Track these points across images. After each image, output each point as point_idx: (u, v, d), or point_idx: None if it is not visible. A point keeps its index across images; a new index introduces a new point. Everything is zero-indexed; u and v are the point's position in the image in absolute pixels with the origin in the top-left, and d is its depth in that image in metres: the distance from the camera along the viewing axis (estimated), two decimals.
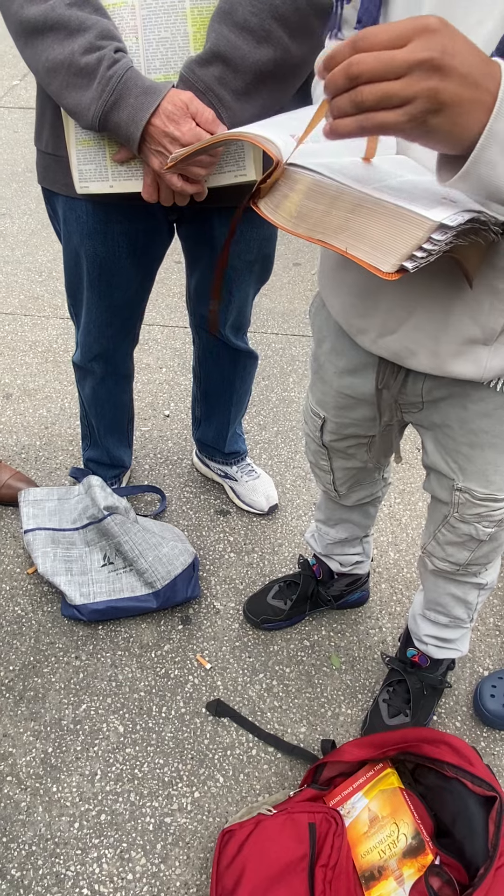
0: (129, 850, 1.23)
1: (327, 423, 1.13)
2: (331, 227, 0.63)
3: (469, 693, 1.48)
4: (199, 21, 0.97)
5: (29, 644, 1.51)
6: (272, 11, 0.93)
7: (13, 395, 2.13)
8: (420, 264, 0.61)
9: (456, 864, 1.07)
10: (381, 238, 0.61)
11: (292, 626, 1.57)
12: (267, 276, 1.43)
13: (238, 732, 1.39)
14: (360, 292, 0.89)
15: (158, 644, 1.53)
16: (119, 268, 1.28)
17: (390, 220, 0.60)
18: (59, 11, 0.94)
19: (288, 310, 2.56)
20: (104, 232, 1.21)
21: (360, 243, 0.62)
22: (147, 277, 1.35)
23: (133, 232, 1.23)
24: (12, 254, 2.76)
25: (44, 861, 1.21)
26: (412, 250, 0.59)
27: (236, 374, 1.62)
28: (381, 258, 0.61)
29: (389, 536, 1.79)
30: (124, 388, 1.61)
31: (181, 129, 0.95)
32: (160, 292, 2.60)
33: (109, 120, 0.97)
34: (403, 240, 0.60)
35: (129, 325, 1.43)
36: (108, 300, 1.34)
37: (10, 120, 3.75)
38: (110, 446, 1.72)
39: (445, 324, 0.83)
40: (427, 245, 0.59)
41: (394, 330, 0.87)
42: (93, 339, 1.43)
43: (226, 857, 1.13)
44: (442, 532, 1.09)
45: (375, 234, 0.61)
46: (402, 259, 0.60)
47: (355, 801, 1.20)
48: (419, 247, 0.59)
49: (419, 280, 0.82)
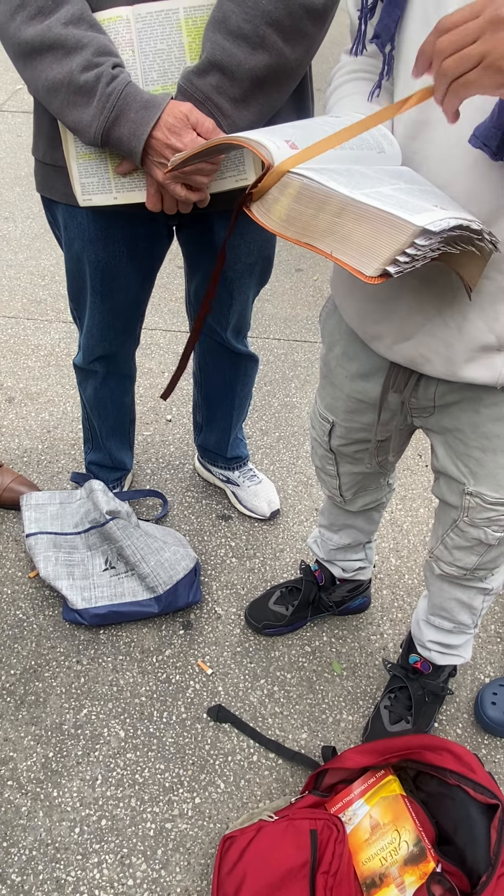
0: (130, 856, 1.23)
1: (336, 427, 1.13)
2: (318, 230, 0.65)
3: (470, 700, 1.47)
4: (195, 31, 0.97)
5: (30, 648, 1.51)
6: (265, 17, 0.94)
7: (15, 398, 2.13)
8: (404, 269, 0.61)
9: (457, 872, 1.07)
10: (366, 242, 0.62)
11: (294, 631, 1.57)
12: (267, 277, 1.43)
13: (239, 738, 1.39)
14: (375, 298, 0.89)
15: (160, 649, 1.52)
16: (120, 272, 1.28)
17: (375, 225, 0.61)
18: (56, 31, 0.95)
19: (290, 315, 2.56)
20: (105, 238, 1.22)
21: (344, 247, 0.63)
22: (147, 279, 1.36)
23: (133, 237, 1.24)
24: (15, 257, 2.77)
25: (44, 866, 1.21)
26: (395, 254, 0.60)
27: (237, 378, 1.62)
28: (364, 262, 0.62)
29: (391, 542, 1.79)
30: (126, 389, 1.61)
31: (183, 141, 0.95)
32: (163, 297, 2.61)
33: (111, 136, 0.98)
34: (387, 244, 0.61)
35: (130, 325, 1.44)
36: (109, 303, 1.34)
37: (13, 124, 3.77)
38: (112, 448, 1.72)
39: (460, 330, 0.83)
40: (410, 250, 0.60)
41: (409, 336, 0.88)
42: (95, 341, 1.44)
43: (227, 864, 1.13)
44: (450, 536, 1.09)
45: (360, 238, 0.62)
46: (385, 263, 0.61)
47: (357, 807, 1.19)
48: (402, 251, 0.60)
49: (435, 287, 0.82)
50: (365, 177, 0.67)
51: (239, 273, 1.34)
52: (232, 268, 1.32)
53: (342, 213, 0.63)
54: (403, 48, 0.77)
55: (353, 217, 0.62)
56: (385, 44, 0.79)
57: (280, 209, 0.66)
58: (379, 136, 0.76)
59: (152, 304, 2.57)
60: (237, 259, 1.31)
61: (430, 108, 0.75)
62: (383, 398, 1.01)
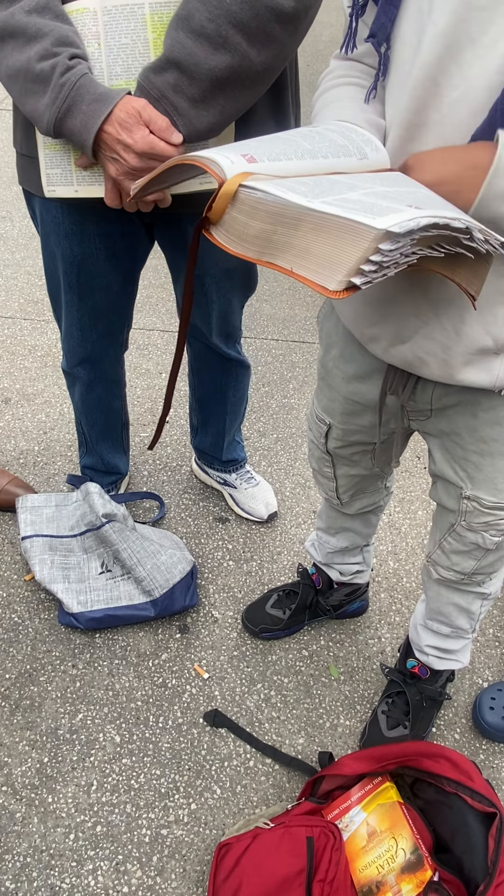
0: (125, 863, 1.22)
1: (333, 429, 1.12)
2: (277, 246, 0.60)
3: (468, 705, 1.47)
4: (160, 27, 0.96)
5: (25, 652, 1.50)
6: (229, 17, 0.91)
7: (12, 399, 2.12)
8: (372, 280, 0.56)
9: (455, 881, 1.06)
10: (326, 253, 0.56)
11: (291, 635, 1.56)
12: (252, 284, 1.41)
13: (236, 743, 1.38)
14: (373, 301, 0.88)
15: (156, 653, 1.51)
16: (98, 270, 1.28)
17: (334, 234, 0.56)
18: (18, 18, 0.94)
19: (288, 316, 2.55)
20: (80, 233, 1.22)
21: (305, 261, 0.58)
22: (128, 281, 1.35)
23: (109, 233, 1.23)
24: (12, 257, 2.75)
25: (38, 873, 1.20)
26: (358, 263, 0.55)
27: (228, 384, 1.61)
28: (326, 276, 0.57)
29: (389, 545, 1.78)
30: (114, 394, 1.60)
31: (133, 137, 0.94)
32: (160, 297, 2.60)
33: (64, 126, 0.97)
34: (348, 253, 0.55)
35: (113, 330, 1.43)
36: (89, 302, 1.34)
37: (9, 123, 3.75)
38: (103, 452, 1.71)
39: (458, 333, 0.82)
40: (376, 257, 0.55)
41: (406, 339, 0.87)
42: (75, 342, 1.42)
43: (223, 871, 1.12)
44: (448, 541, 1.08)
45: (320, 250, 0.57)
46: (348, 274, 0.55)
47: (353, 814, 1.18)
48: (366, 259, 0.55)
49: (432, 290, 0.81)
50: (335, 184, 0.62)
51: (217, 278, 1.32)
52: (208, 272, 1.31)
53: (299, 225, 0.58)
54: (397, 46, 0.76)
55: (312, 228, 0.57)
56: (381, 43, 0.77)
57: (237, 227, 0.61)
58: (361, 142, 0.72)
59: (149, 304, 2.56)
60: (213, 264, 1.29)
61: (424, 110, 0.73)
62: (382, 401, 1.00)
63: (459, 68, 0.69)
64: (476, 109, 0.69)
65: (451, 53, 0.69)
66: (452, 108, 0.71)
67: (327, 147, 0.69)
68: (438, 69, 0.70)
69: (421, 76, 0.72)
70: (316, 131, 0.72)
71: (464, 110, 0.70)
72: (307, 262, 0.58)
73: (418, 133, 0.75)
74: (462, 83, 0.69)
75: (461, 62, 0.69)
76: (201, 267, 1.29)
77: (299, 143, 0.68)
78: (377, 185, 0.64)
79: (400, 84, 0.76)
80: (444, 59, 0.70)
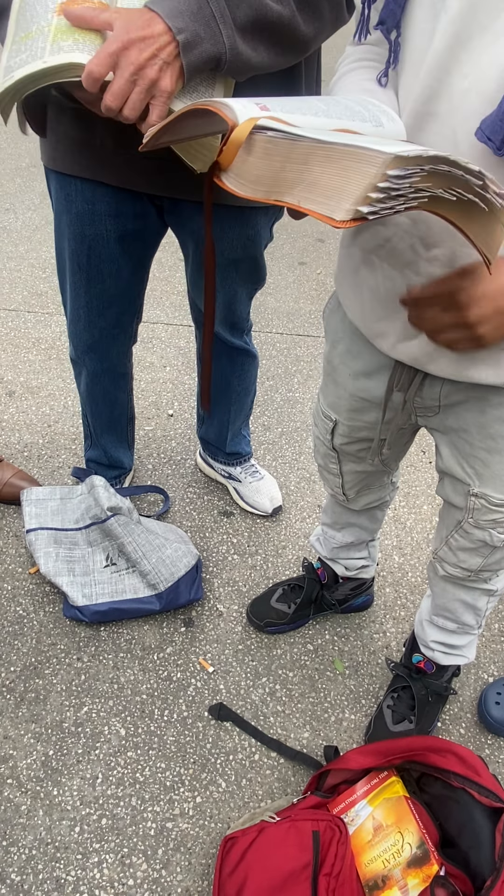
0: (130, 856, 1.22)
1: (339, 426, 1.12)
2: (286, 183, 0.59)
3: (474, 700, 1.46)
4: None
5: (30, 645, 1.50)
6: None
7: (16, 392, 2.12)
8: (379, 210, 0.55)
9: (461, 875, 1.06)
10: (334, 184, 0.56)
11: (296, 629, 1.56)
12: (257, 277, 1.41)
13: (240, 737, 1.38)
14: (381, 296, 0.88)
15: (161, 646, 1.51)
16: (108, 254, 1.28)
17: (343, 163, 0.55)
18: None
19: (293, 309, 2.54)
20: (91, 213, 1.22)
21: (312, 194, 0.57)
22: (139, 267, 1.34)
23: (120, 214, 1.23)
24: (16, 249, 2.74)
25: (44, 865, 1.20)
26: (367, 191, 0.54)
27: (233, 373, 1.61)
28: (333, 206, 0.56)
29: (394, 540, 1.78)
30: (121, 387, 1.59)
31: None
32: (164, 290, 2.59)
33: None
34: (356, 180, 0.54)
35: (123, 320, 1.42)
36: (98, 287, 1.33)
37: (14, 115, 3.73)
38: (107, 446, 1.71)
39: None
40: (384, 184, 0.53)
41: (415, 335, 0.86)
42: (82, 327, 1.42)
43: (228, 865, 1.12)
44: (455, 537, 1.08)
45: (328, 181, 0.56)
46: (355, 202, 0.54)
47: (359, 808, 1.18)
48: (374, 186, 0.53)
49: None
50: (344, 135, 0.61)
51: (221, 267, 1.32)
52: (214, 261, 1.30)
53: (309, 159, 0.57)
54: (409, 34, 0.75)
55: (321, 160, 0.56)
56: (391, 30, 0.76)
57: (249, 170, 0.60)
58: (377, 112, 0.71)
59: (153, 297, 2.55)
60: (218, 253, 1.29)
61: (434, 99, 0.72)
62: (387, 397, 0.99)
63: (470, 56, 0.68)
64: (487, 98, 0.68)
65: (461, 41, 0.68)
66: (463, 97, 0.70)
67: (342, 110, 0.68)
68: (449, 57, 0.69)
69: (432, 64, 0.71)
70: (332, 98, 0.71)
71: (474, 100, 0.69)
72: (314, 195, 0.57)
73: (426, 123, 0.74)
74: (472, 72, 0.68)
75: (472, 50, 0.68)
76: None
77: (313, 103, 0.67)
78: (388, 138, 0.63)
79: (412, 72, 0.75)
80: (454, 47, 0.69)
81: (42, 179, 3.18)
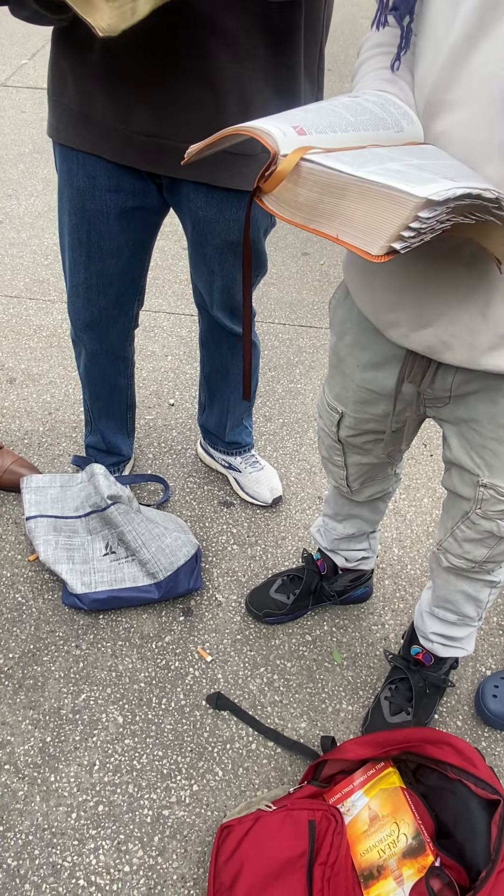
0: (127, 842, 1.22)
1: (345, 417, 1.11)
2: (324, 214, 0.64)
3: (471, 692, 1.47)
4: None
5: (29, 632, 1.50)
6: None
7: (17, 379, 2.11)
8: (411, 244, 0.60)
9: (456, 866, 1.06)
10: (369, 220, 0.61)
11: (294, 620, 1.56)
12: (260, 264, 1.41)
13: (238, 726, 1.38)
14: (393, 286, 0.87)
15: (159, 635, 1.51)
16: (108, 230, 1.28)
17: (376, 202, 0.60)
18: None
19: (296, 300, 2.53)
20: (91, 188, 1.23)
21: (349, 228, 0.62)
22: (139, 248, 1.35)
23: (120, 189, 1.24)
24: (18, 236, 2.73)
25: (40, 851, 1.21)
26: (399, 230, 0.59)
27: (234, 360, 1.60)
28: (369, 241, 0.61)
29: (394, 532, 1.78)
30: (120, 370, 1.59)
31: None
32: (166, 279, 2.57)
33: None
34: (390, 220, 0.59)
35: (123, 301, 1.42)
36: (98, 264, 1.34)
37: (17, 100, 3.71)
38: (105, 431, 1.70)
39: (485, 316, 0.81)
40: (415, 224, 0.59)
41: (429, 324, 0.85)
42: (81, 304, 1.42)
43: (224, 853, 1.12)
44: (461, 528, 1.07)
45: (363, 217, 0.61)
46: (389, 240, 0.59)
47: (355, 799, 1.19)
48: (406, 226, 0.59)
49: (455, 273, 0.80)
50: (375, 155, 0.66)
51: (219, 249, 1.31)
52: (210, 243, 1.30)
53: (345, 194, 0.62)
54: (427, 22, 0.74)
55: (356, 196, 0.61)
56: (403, 16, 0.75)
57: (288, 195, 0.65)
58: (398, 115, 0.74)
59: (156, 286, 2.54)
60: (216, 234, 1.28)
61: (452, 87, 0.72)
62: (398, 389, 0.98)
63: (491, 45, 0.68)
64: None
65: (483, 29, 0.68)
66: (482, 84, 0.69)
67: (368, 119, 0.72)
68: (470, 45, 0.69)
69: (452, 51, 0.70)
70: (357, 102, 0.74)
71: (495, 87, 0.69)
72: (351, 230, 0.62)
73: (444, 111, 0.73)
74: (493, 61, 0.68)
75: (493, 38, 0.67)
76: (203, 236, 1.29)
77: (343, 116, 0.70)
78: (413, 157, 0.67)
79: (430, 59, 0.74)
80: (475, 34, 0.68)
81: (44, 166, 3.16)
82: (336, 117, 0.70)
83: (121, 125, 1.14)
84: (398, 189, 0.58)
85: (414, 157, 0.68)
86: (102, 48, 1.08)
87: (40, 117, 3.55)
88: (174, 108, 1.11)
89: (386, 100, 0.75)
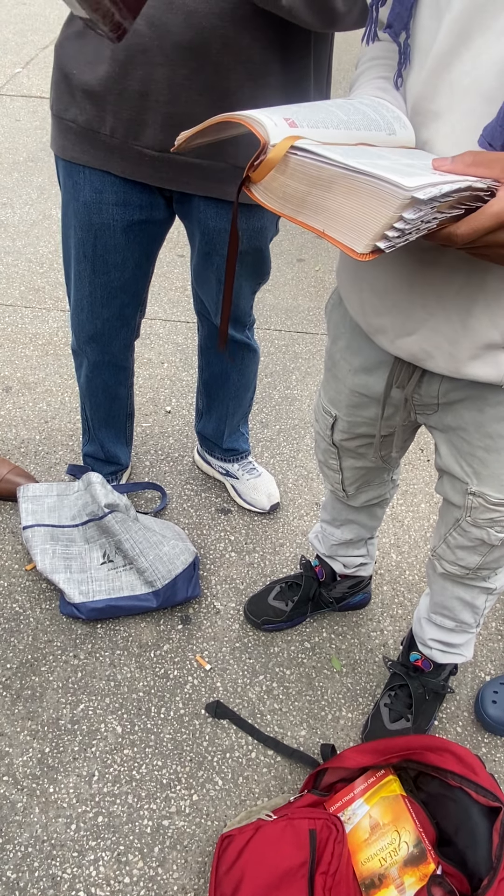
0: (127, 853, 1.22)
1: (339, 421, 1.11)
2: (311, 206, 0.63)
3: (471, 698, 1.46)
4: None
5: (27, 642, 1.49)
6: None
7: (13, 388, 2.11)
8: (395, 244, 0.59)
9: (458, 874, 1.06)
10: (355, 217, 0.60)
11: (293, 627, 1.56)
12: (261, 270, 1.41)
13: (237, 735, 1.38)
14: (379, 291, 0.87)
15: (158, 644, 1.51)
16: (114, 244, 1.28)
17: (363, 198, 0.59)
18: None
19: (291, 306, 2.54)
20: (99, 203, 1.22)
21: (335, 223, 0.61)
22: (144, 260, 1.34)
23: (127, 203, 1.23)
24: (13, 244, 2.73)
25: (40, 863, 1.20)
26: (384, 229, 0.58)
27: (233, 367, 1.60)
28: (354, 238, 0.60)
29: (392, 538, 1.77)
30: (121, 381, 1.59)
31: None
32: (162, 286, 2.58)
33: None
34: (375, 218, 0.58)
35: (126, 313, 1.42)
36: (103, 277, 1.33)
37: (11, 108, 3.71)
38: (105, 440, 1.70)
39: (465, 327, 0.81)
40: (399, 224, 0.58)
41: (412, 331, 0.86)
42: (85, 316, 1.42)
43: (225, 863, 1.11)
44: (453, 535, 1.07)
45: (350, 213, 0.60)
46: (374, 238, 0.58)
47: (356, 807, 1.18)
48: (390, 226, 0.58)
49: (438, 282, 0.80)
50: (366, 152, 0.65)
51: (225, 258, 1.31)
52: (219, 252, 1.31)
53: (332, 187, 0.61)
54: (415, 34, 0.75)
55: (343, 190, 0.60)
56: (398, 33, 0.76)
57: (277, 186, 0.64)
58: (391, 118, 0.73)
59: (152, 293, 2.54)
60: (225, 244, 1.29)
61: (436, 97, 0.72)
62: (386, 393, 0.99)
63: (471, 55, 0.69)
64: (487, 97, 0.69)
65: (463, 40, 0.69)
66: (464, 95, 0.70)
67: (360, 119, 0.71)
68: (452, 55, 0.70)
69: (435, 62, 0.71)
70: (351, 104, 0.73)
71: (475, 99, 0.69)
72: (338, 225, 0.61)
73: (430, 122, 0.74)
74: (473, 71, 0.69)
75: (473, 48, 0.68)
76: (212, 245, 1.29)
77: (335, 113, 0.70)
78: (403, 157, 0.66)
79: (416, 69, 0.75)
80: (457, 45, 0.69)
81: (39, 174, 3.16)
82: (328, 114, 0.69)
83: (132, 141, 1.13)
84: (386, 178, 0.57)
85: (404, 157, 0.67)
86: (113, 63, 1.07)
87: (35, 126, 3.55)
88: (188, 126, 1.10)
89: (379, 104, 0.75)
